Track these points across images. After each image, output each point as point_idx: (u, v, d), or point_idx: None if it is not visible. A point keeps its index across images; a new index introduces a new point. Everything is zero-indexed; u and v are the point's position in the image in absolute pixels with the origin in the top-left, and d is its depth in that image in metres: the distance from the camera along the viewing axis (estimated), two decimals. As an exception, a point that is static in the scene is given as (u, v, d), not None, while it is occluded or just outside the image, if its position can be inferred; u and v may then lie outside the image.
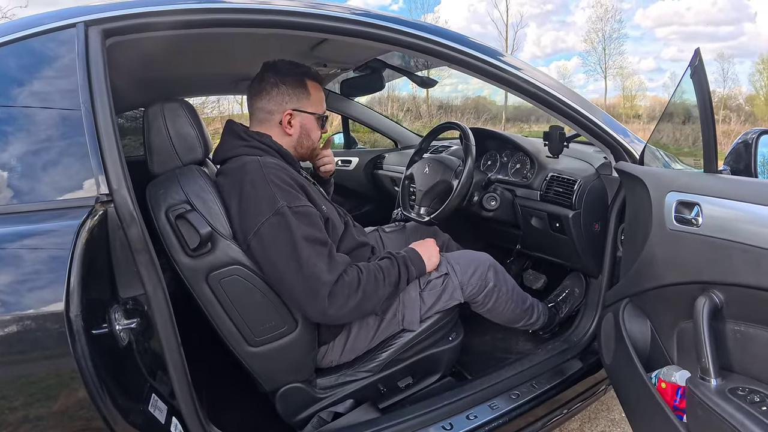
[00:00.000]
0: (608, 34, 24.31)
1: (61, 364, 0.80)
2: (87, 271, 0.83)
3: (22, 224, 0.87)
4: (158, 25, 1.08)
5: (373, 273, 1.30)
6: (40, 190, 0.92)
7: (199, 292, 1.18)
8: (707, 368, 0.96)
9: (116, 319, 0.91)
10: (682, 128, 1.39)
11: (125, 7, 1.06)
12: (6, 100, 0.96)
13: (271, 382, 1.34)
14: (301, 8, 1.19)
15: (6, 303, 0.79)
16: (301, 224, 1.19)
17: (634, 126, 20.72)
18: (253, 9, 1.16)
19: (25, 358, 0.80)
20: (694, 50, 1.09)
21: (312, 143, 1.47)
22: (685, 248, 1.08)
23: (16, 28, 1.00)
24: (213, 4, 1.12)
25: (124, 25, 1.06)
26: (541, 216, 1.81)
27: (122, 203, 0.95)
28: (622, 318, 1.33)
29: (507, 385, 1.51)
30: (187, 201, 1.17)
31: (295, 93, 1.39)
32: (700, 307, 0.99)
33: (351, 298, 1.22)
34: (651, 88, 33.53)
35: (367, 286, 1.26)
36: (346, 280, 1.23)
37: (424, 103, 17.85)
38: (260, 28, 1.17)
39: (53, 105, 0.96)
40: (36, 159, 0.93)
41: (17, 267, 0.82)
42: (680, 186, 1.13)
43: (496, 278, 1.56)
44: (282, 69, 1.39)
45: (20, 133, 0.94)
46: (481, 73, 1.37)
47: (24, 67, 0.99)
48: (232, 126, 1.39)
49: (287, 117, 1.38)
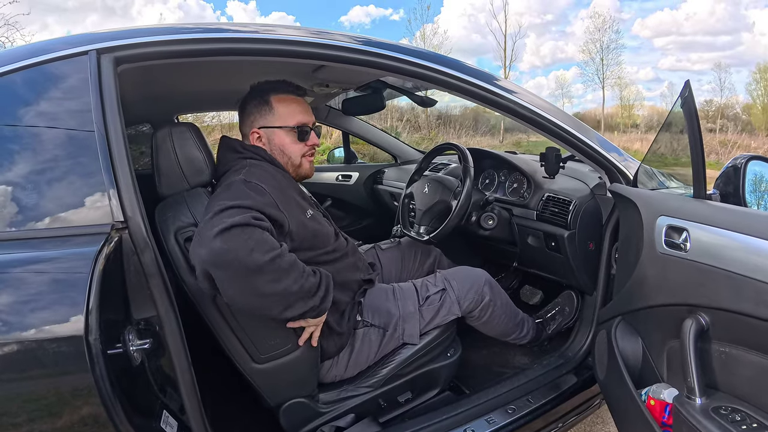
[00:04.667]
0: (606, 45, 24.48)
1: (80, 384, 0.83)
2: (104, 295, 0.86)
3: (40, 250, 0.91)
4: (168, 53, 1.13)
5: (297, 262, 1.14)
6: (59, 217, 0.95)
7: (207, 313, 1.22)
8: (693, 387, 1.01)
9: (130, 339, 0.95)
10: (675, 149, 1.43)
11: (136, 36, 1.10)
12: (22, 128, 0.98)
13: (275, 397, 1.37)
14: (303, 38, 1.25)
15: (27, 326, 0.82)
16: (242, 188, 1.19)
17: (632, 135, 20.84)
18: (257, 39, 1.21)
19: (48, 377, 0.84)
20: (685, 82, 1.14)
21: (288, 158, 1.43)
22: (674, 271, 1.13)
23: (29, 54, 1.03)
24: (218, 34, 1.18)
25: (135, 54, 1.10)
26: (537, 235, 1.86)
27: (136, 230, 0.99)
28: (614, 335, 1.38)
29: (504, 399, 1.55)
30: (195, 224, 1.21)
31: (259, 111, 1.42)
32: (687, 329, 1.04)
33: (254, 254, 1.02)
34: (649, 98, 33.96)
35: (282, 261, 1.07)
36: (256, 234, 1.05)
37: (423, 114, 17.90)
38: (263, 56, 1.23)
39: (68, 132, 1.00)
40: (53, 187, 0.96)
41: (36, 292, 0.85)
42: (670, 210, 1.18)
43: (491, 293, 1.63)
44: (252, 91, 1.45)
45: (37, 161, 0.97)
46: (477, 98, 1.42)
47: (37, 94, 1.01)
48: (227, 141, 1.43)
49: (254, 135, 1.42)
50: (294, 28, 1.28)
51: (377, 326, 1.46)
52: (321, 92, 2.13)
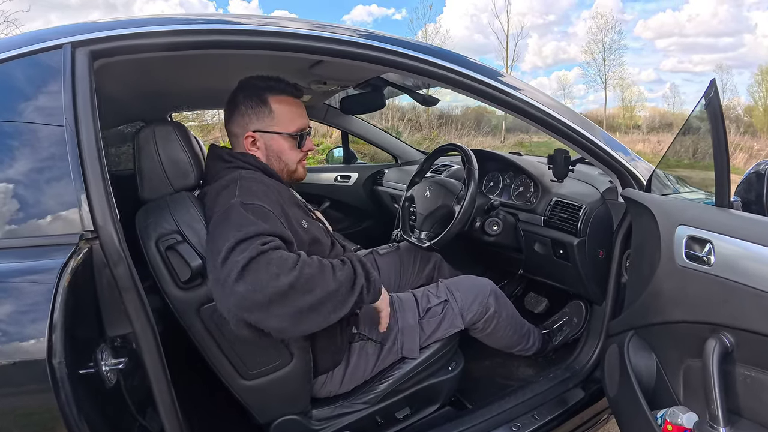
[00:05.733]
0: (608, 45, 24.37)
1: (44, 410, 0.77)
2: (71, 313, 0.78)
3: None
4: (147, 47, 1.04)
5: (318, 260, 1.07)
6: (21, 226, 0.87)
7: (190, 326, 1.14)
8: (716, 416, 0.93)
9: (103, 359, 0.88)
10: (695, 153, 1.35)
11: (114, 28, 1.02)
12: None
13: (265, 414, 1.30)
14: (299, 30, 1.16)
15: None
16: (243, 213, 1.06)
17: (634, 137, 20.79)
18: (244, 30, 1.12)
19: (9, 402, 0.78)
20: (710, 81, 1.06)
21: (285, 165, 1.34)
22: (696, 287, 1.04)
23: (1, 49, 0.96)
24: (200, 25, 1.09)
25: (112, 47, 1.01)
26: (545, 242, 1.78)
27: (108, 241, 0.90)
28: (627, 351, 1.29)
29: (507, 416, 1.47)
30: (179, 231, 1.12)
31: (255, 113, 1.30)
32: (710, 351, 0.96)
33: (281, 277, 0.96)
34: (650, 99, 33.77)
35: (305, 269, 1.01)
36: (274, 256, 0.98)
37: (424, 113, 17.83)
38: (252, 50, 1.14)
39: (35, 133, 0.91)
40: (17, 192, 0.89)
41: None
42: (691, 220, 1.09)
43: (497, 304, 1.55)
44: (245, 87, 1.32)
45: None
46: (482, 96, 1.34)
47: (7, 91, 0.94)
48: (214, 150, 1.33)
49: (249, 139, 1.31)
50: (291, 19, 1.19)
51: (374, 340, 1.37)
52: (319, 90, 2.04)
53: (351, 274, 1.11)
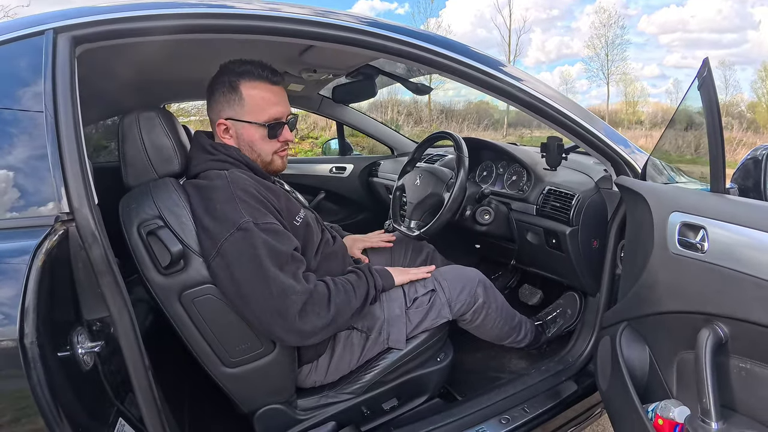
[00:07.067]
0: (611, 40, 24.20)
1: (16, 394, 0.76)
2: (45, 294, 0.78)
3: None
4: (132, 31, 1.02)
5: (341, 286, 1.23)
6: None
7: (171, 312, 1.12)
8: (708, 410, 0.89)
9: (79, 342, 0.86)
10: (688, 141, 1.32)
11: (97, 13, 1.00)
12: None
13: (249, 403, 1.28)
14: (289, 14, 1.13)
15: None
16: (267, 240, 1.11)
17: (637, 132, 20.63)
18: (230, 14, 1.09)
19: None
20: (703, 60, 1.01)
21: (258, 155, 1.29)
22: (689, 275, 1.01)
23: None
24: (185, 9, 1.06)
25: (96, 32, 1.00)
26: (537, 231, 1.74)
27: (84, 223, 0.89)
28: (619, 343, 1.26)
29: (498, 408, 1.45)
30: (160, 216, 1.11)
31: (227, 100, 1.25)
32: (703, 341, 0.92)
33: (322, 315, 1.15)
34: (654, 95, 33.56)
35: (337, 299, 1.19)
36: (316, 297, 1.15)
37: (425, 108, 17.76)
38: (239, 34, 1.11)
39: (13, 115, 0.91)
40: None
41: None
42: (685, 206, 1.05)
43: (485, 295, 1.51)
44: (221, 72, 1.27)
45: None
46: (482, 85, 1.31)
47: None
48: (198, 139, 1.29)
49: (221, 127, 1.27)
50: (280, 4, 1.16)
51: (360, 330, 1.35)
52: (309, 79, 2.00)
53: (365, 288, 1.29)
